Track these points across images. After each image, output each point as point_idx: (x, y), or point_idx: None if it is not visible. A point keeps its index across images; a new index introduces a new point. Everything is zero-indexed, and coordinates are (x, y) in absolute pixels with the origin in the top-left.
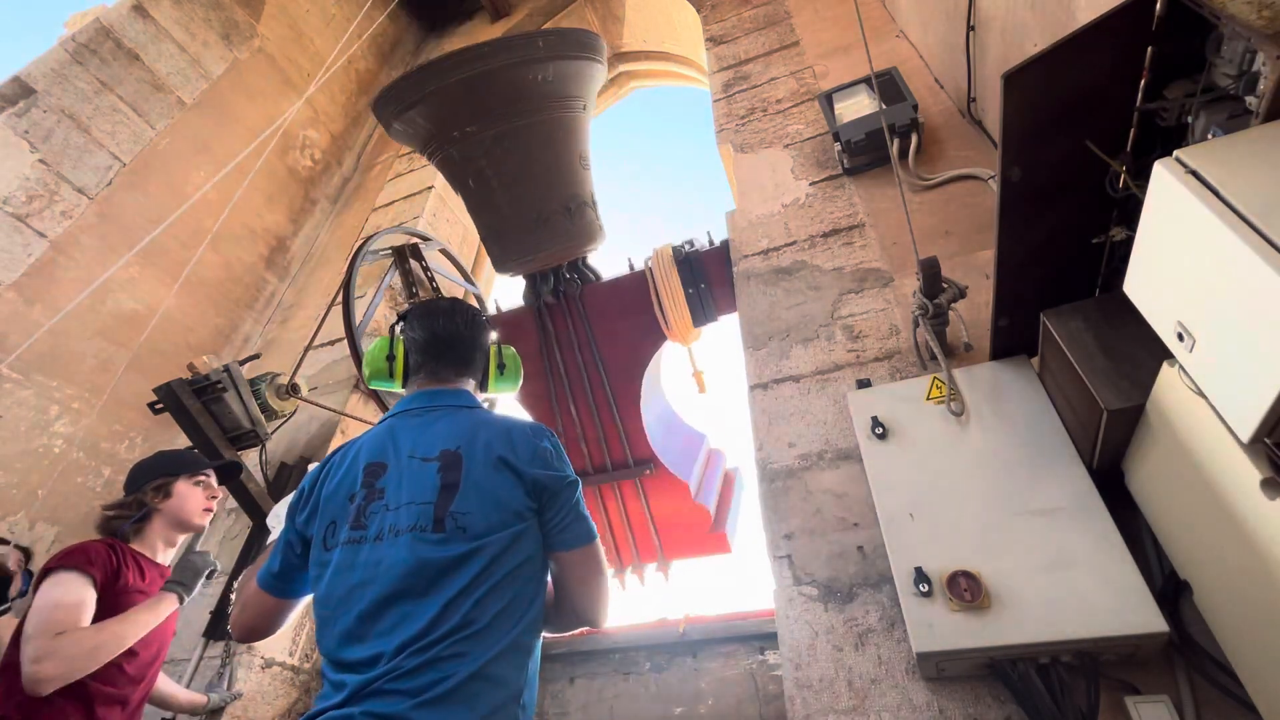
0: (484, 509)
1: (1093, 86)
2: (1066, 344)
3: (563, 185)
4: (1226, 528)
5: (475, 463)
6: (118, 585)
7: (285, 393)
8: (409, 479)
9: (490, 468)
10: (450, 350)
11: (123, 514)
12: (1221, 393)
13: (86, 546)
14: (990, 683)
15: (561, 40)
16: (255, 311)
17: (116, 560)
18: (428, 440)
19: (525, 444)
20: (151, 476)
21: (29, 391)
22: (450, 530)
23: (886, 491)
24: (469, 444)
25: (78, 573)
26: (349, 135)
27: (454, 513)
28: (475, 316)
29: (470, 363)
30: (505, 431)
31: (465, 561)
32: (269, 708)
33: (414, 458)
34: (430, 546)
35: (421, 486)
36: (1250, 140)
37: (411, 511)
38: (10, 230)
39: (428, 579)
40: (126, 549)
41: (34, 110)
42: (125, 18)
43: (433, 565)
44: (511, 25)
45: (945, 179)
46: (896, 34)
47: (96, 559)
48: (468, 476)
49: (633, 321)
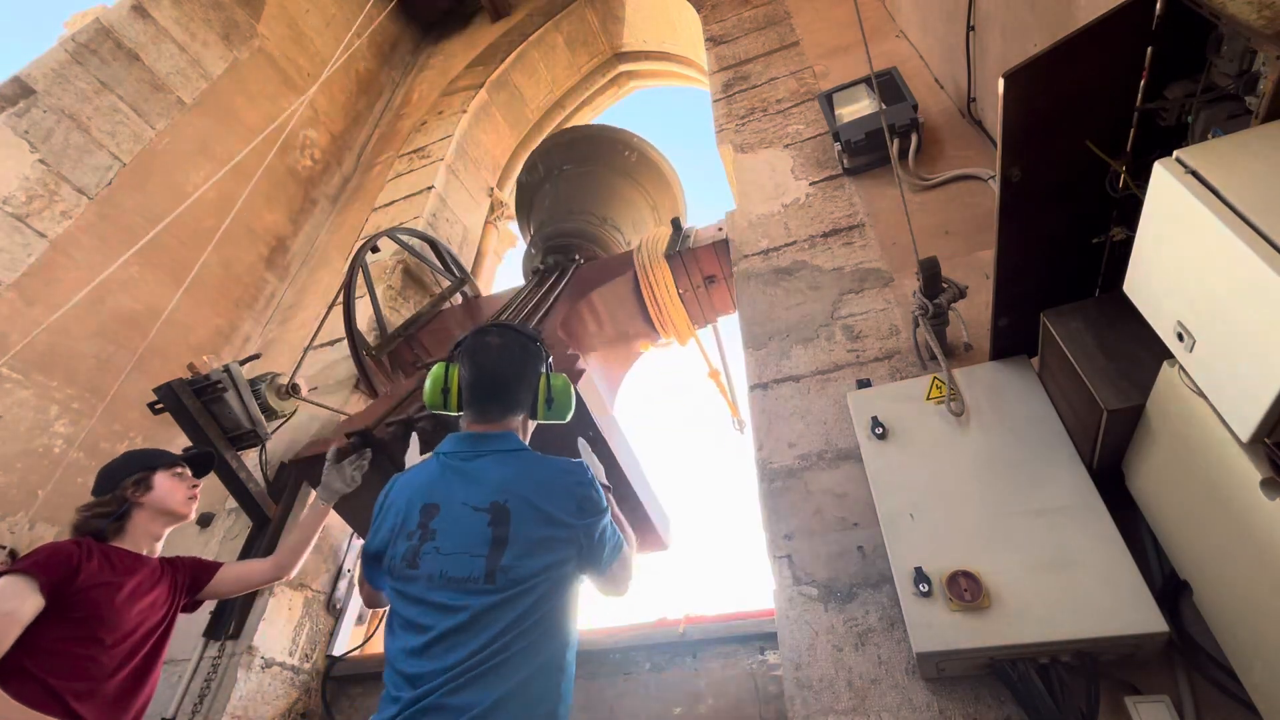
0: (531, 559)
1: (1093, 86)
2: (1066, 344)
3: (609, 209)
4: (1226, 528)
5: (523, 518)
6: (77, 581)
7: (285, 393)
8: (462, 527)
9: (537, 523)
10: (495, 391)
11: (101, 511)
12: (1221, 393)
13: (47, 547)
14: (990, 683)
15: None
16: (255, 311)
17: (79, 558)
18: (479, 491)
19: (567, 496)
20: (128, 472)
21: (29, 391)
22: (501, 582)
23: (886, 491)
24: (517, 497)
25: (23, 577)
26: (349, 135)
27: (504, 566)
28: (525, 349)
29: (515, 402)
30: (549, 483)
31: (512, 603)
32: (269, 708)
33: (466, 505)
34: (483, 597)
35: (473, 538)
36: (1250, 140)
37: (464, 563)
38: (10, 230)
39: (478, 620)
40: (96, 545)
41: (34, 110)
42: (125, 18)
43: (484, 610)
44: (511, 25)
45: (945, 179)
46: (896, 34)
47: (50, 559)
48: (516, 532)
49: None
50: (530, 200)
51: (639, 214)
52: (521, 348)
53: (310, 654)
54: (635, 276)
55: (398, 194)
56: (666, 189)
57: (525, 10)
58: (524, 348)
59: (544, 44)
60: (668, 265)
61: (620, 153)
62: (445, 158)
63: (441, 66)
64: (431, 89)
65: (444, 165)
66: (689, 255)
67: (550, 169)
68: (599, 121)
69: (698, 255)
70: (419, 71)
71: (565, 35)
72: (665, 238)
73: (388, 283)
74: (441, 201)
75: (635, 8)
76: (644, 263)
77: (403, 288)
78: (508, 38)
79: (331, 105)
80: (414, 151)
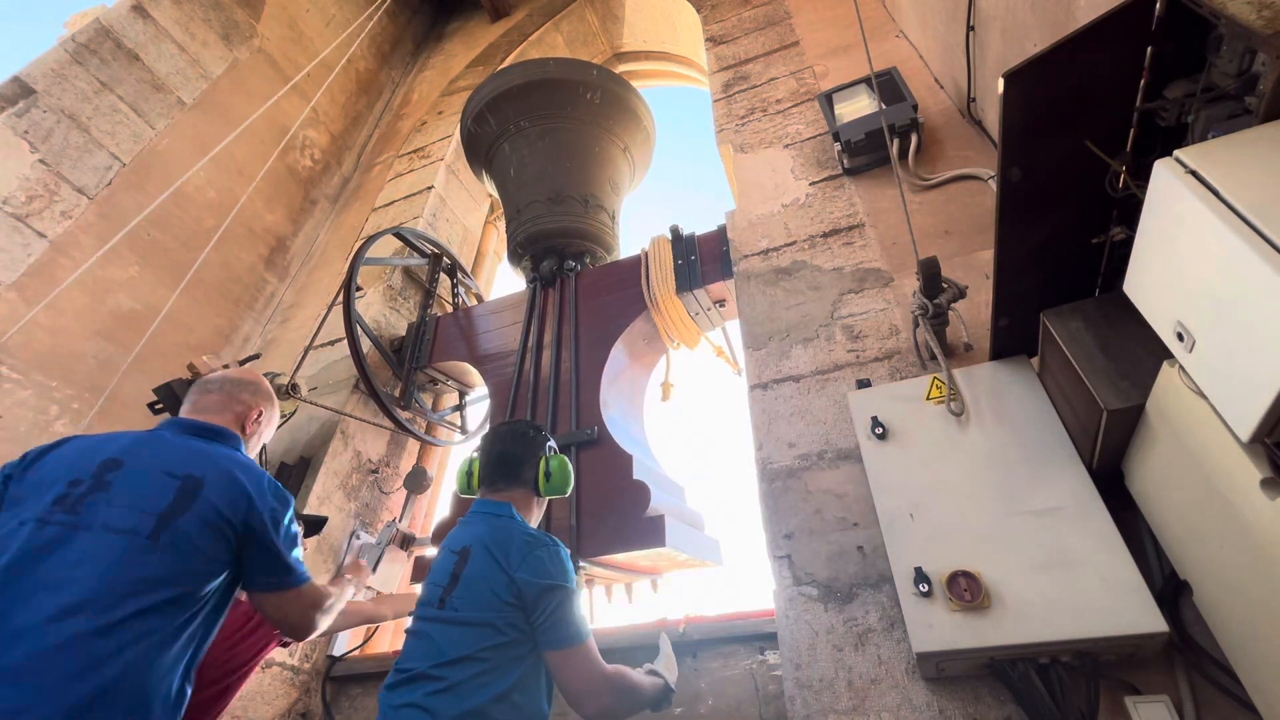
0: (474, 597)
1: (1092, 86)
2: (1066, 344)
3: (586, 182)
4: (1226, 528)
5: (477, 560)
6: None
7: (285, 393)
8: (437, 566)
9: (485, 564)
10: (501, 468)
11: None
12: (1221, 393)
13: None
14: (990, 683)
15: (612, 77)
16: (255, 311)
17: None
18: (462, 539)
19: (519, 549)
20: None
21: (29, 391)
22: (448, 610)
23: (886, 491)
24: (478, 544)
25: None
26: (349, 135)
27: (452, 598)
28: (527, 436)
29: (518, 477)
30: (508, 538)
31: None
32: (269, 708)
33: (448, 549)
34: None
35: (442, 574)
36: (1250, 140)
37: (433, 591)
38: (10, 230)
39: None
40: None
41: (34, 110)
42: (125, 18)
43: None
44: (511, 25)
45: (945, 179)
46: (896, 34)
47: None
48: (469, 570)
49: (617, 295)
50: (487, 157)
51: (615, 168)
52: (524, 436)
53: (310, 654)
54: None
55: (398, 194)
56: (637, 124)
57: (525, 10)
58: (526, 436)
59: (544, 44)
60: (680, 302)
61: (582, 96)
62: (445, 158)
63: (441, 66)
64: (431, 89)
65: (444, 165)
66: (699, 289)
67: (504, 123)
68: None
69: (707, 285)
70: (419, 71)
71: (565, 35)
72: (669, 262)
73: (388, 282)
74: (441, 201)
75: (635, 8)
76: (655, 299)
77: (403, 288)
78: (508, 38)
79: (331, 105)
80: (414, 151)
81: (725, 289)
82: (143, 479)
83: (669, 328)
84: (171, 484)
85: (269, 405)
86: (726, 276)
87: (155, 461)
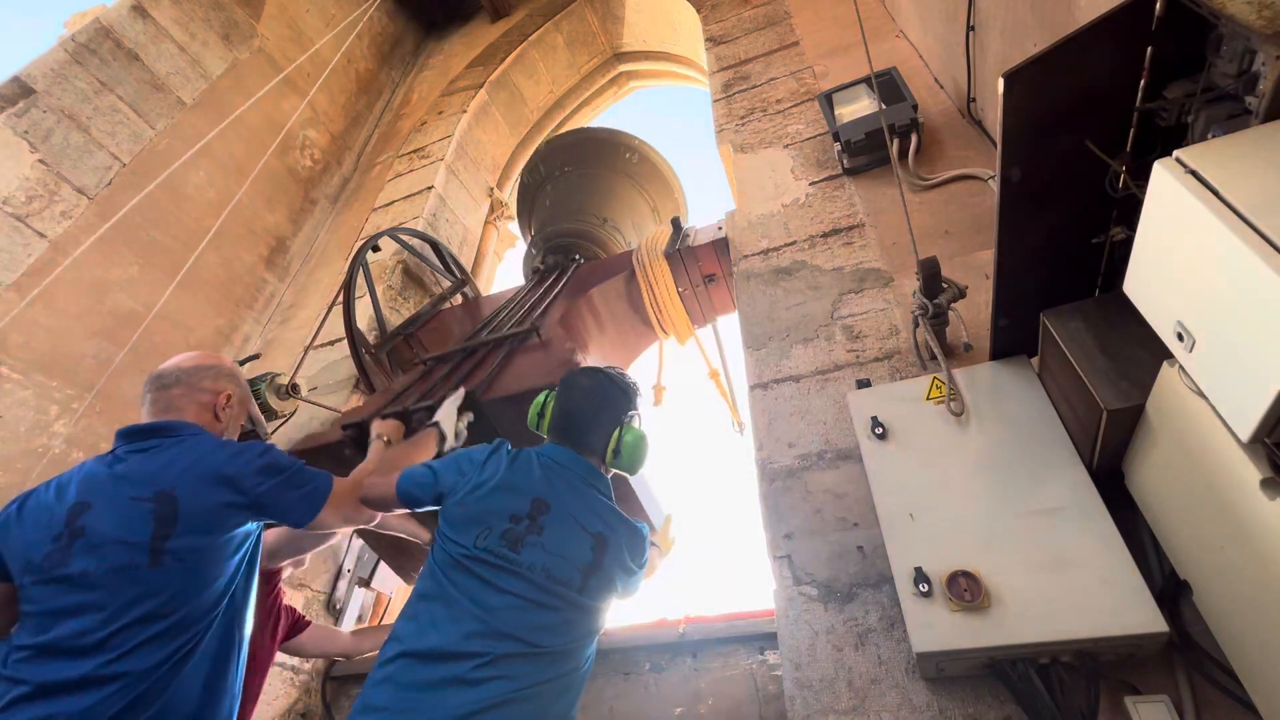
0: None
1: (1092, 86)
2: (1066, 344)
3: (610, 210)
4: (1226, 528)
5: (612, 558)
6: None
7: (285, 393)
8: (571, 540)
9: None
10: (570, 431)
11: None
12: (1221, 393)
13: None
14: (990, 683)
15: (650, 148)
16: (255, 311)
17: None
18: (588, 513)
19: (638, 547)
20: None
21: (29, 391)
22: (586, 598)
23: (886, 491)
24: (613, 534)
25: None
26: (349, 135)
27: (589, 588)
28: (608, 396)
29: (589, 445)
30: (637, 545)
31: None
32: (269, 708)
33: (574, 519)
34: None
35: (579, 551)
36: (1250, 140)
37: (566, 567)
38: (10, 230)
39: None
40: None
41: (34, 110)
42: (125, 18)
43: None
44: (511, 25)
45: (945, 179)
46: (896, 34)
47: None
48: (608, 560)
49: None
50: (531, 201)
51: (640, 216)
52: (604, 395)
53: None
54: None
55: (397, 194)
56: (668, 192)
57: (525, 10)
58: (607, 395)
59: (544, 44)
60: (667, 264)
61: (622, 155)
62: (445, 158)
63: (441, 66)
64: (431, 89)
65: (444, 165)
66: (688, 254)
67: (551, 170)
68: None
69: (697, 254)
70: (419, 71)
71: (565, 35)
72: (665, 237)
73: (388, 282)
74: (441, 201)
75: (635, 8)
76: (643, 260)
77: (403, 288)
78: (508, 38)
79: (331, 105)
80: (414, 151)
81: (715, 264)
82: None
83: (656, 297)
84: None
85: (235, 384)
86: (722, 255)
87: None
